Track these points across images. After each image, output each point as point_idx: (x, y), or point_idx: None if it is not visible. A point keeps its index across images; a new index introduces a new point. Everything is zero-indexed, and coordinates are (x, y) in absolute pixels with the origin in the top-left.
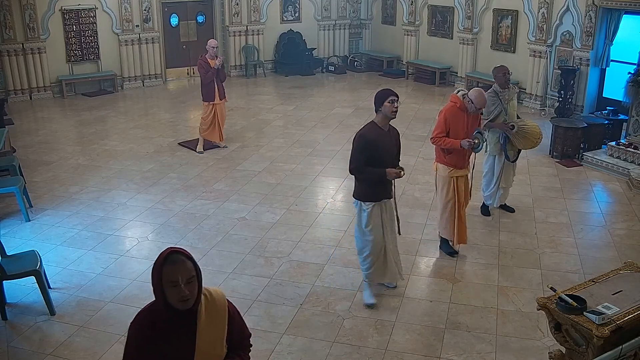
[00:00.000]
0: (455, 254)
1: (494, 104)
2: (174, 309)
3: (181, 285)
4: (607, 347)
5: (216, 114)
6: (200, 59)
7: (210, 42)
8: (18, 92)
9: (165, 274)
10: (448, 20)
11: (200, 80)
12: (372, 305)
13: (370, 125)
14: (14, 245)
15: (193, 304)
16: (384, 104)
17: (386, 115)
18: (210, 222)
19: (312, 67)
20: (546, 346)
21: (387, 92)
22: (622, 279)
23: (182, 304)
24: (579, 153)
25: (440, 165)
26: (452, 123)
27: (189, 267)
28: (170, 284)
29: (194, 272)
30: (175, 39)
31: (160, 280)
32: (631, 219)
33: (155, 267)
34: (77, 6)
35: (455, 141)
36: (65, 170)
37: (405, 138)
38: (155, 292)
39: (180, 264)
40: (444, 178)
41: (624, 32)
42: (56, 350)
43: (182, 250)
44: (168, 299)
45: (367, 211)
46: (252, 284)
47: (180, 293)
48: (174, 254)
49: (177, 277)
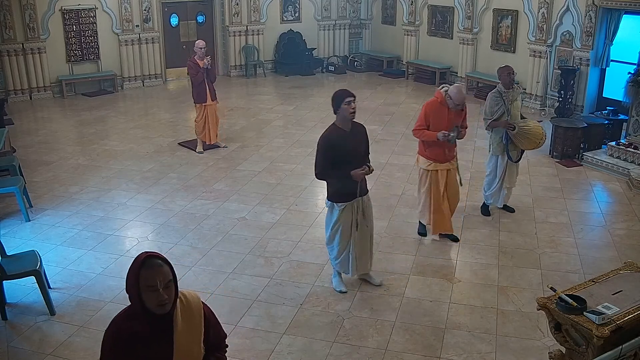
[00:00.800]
0: (424, 236)
1: (497, 104)
2: (151, 313)
3: (160, 290)
4: (607, 347)
5: (207, 116)
6: (189, 61)
7: (198, 43)
8: (18, 92)
9: (143, 279)
10: (448, 20)
11: (191, 81)
12: (343, 292)
13: (331, 128)
14: (14, 245)
15: (170, 308)
16: (341, 106)
17: (344, 116)
18: (210, 222)
19: (312, 67)
20: (546, 346)
21: (344, 93)
22: (622, 279)
23: (160, 308)
24: (579, 153)
25: (421, 158)
26: (433, 117)
27: (166, 271)
28: (148, 288)
29: (171, 275)
30: (175, 39)
31: (137, 285)
32: (631, 219)
33: (131, 271)
34: (77, 6)
35: (432, 133)
36: (65, 170)
37: (405, 138)
38: (132, 297)
39: (157, 268)
40: (422, 170)
41: (624, 32)
42: (56, 350)
43: (158, 255)
44: (146, 303)
45: (338, 211)
46: (252, 284)
47: (158, 297)
48: (151, 258)
49: (156, 281)
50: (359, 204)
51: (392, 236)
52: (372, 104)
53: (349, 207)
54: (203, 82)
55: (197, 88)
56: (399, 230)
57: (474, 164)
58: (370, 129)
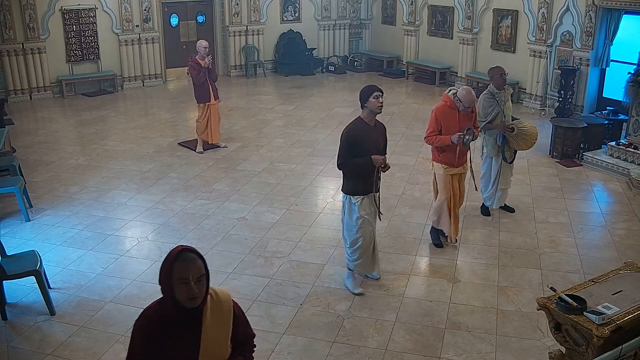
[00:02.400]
0: (440, 247)
1: (491, 106)
2: (181, 306)
3: (191, 283)
4: (607, 347)
5: (210, 115)
6: (190, 60)
7: (201, 43)
8: (18, 92)
9: (176, 271)
10: (448, 20)
11: (193, 81)
12: (361, 294)
13: (357, 121)
14: (14, 245)
15: (200, 303)
16: (369, 99)
17: (372, 110)
18: (210, 222)
19: (312, 67)
20: (546, 346)
21: (372, 87)
22: (622, 279)
23: (190, 302)
24: (579, 153)
25: (435, 164)
26: (444, 121)
27: (200, 265)
28: (180, 281)
29: (204, 270)
30: (175, 39)
31: (170, 278)
32: (631, 219)
33: (165, 264)
34: (77, 6)
35: (446, 137)
36: (65, 170)
37: (405, 138)
38: (164, 289)
39: (191, 262)
40: (439, 176)
41: (624, 32)
42: (56, 350)
43: (193, 249)
44: (176, 296)
45: (356, 205)
46: (252, 284)
47: (189, 291)
48: (186, 251)
49: (188, 274)
50: (375, 199)
51: (392, 236)
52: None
53: (366, 200)
54: (205, 81)
55: (199, 88)
56: (399, 230)
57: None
58: None
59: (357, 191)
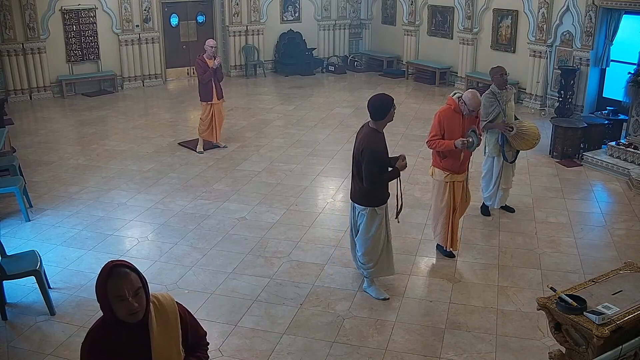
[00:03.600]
0: (453, 256)
1: (492, 105)
2: (125, 322)
3: (129, 299)
4: (607, 347)
5: (214, 115)
6: (198, 59)
7: (209, 42)
8: (18, 92)
9: (111, 289)
10: (448, 20)
11: (198, 80)
12: (387, 298)
13: (375, 135)
14: (14, 245)
15: (143, 315)
16: (390, 111)
17: (389, 120)
18: (210, 222)
19: (312, 67)
20: (546, 346)
21: (389, 99)
22: (622, 279)
23: (132, 317)
24: (579, 153)
25: (436, 170)
26: (447, 125)
27: (134, 278)
28: (117, 298)
29: (140, 282)
30: (175, 39)
31: (106, 296)
32: (631, 219)
33: (98, 283)
34: (77, 6)
35: (450, 142)
36: (65, 170)
37: (405, 138)
38: (103, 308)
39: (124, 277)
40: (439, 183)
41: (624, 32)
42: (56, 350)
43: (125, 263)
44: (117, 313)
45: (380, 215)
46: (252, 284)
47: (128, 307)
48: (117, 267)
49: (124, 291)
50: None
51: (392, 236)
52: None
53: (385, 208)
54: (210, 80)
55: (204, 86)
56: (399, 230)
57: (473, 164)
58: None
59: (382, 201)
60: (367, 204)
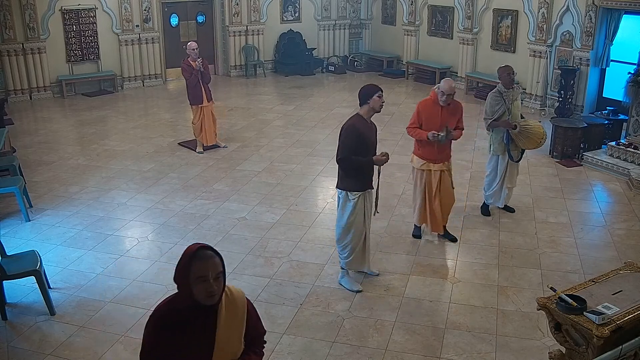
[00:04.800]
0: (419, 238)
1: (498, 104)
2: (198, 304)
3: (210, 281)
4: (607, 347)
5: (204, 117)
6: (183, 62)
7: (190, 45)
8: (18, 92)
9: (195, 269)
10: (448, 20)
11: (186, 83)
12: (360, 290)
13: (358, 117)
14: (14, 245)
15: (217, 300)
16: (372, 97)
17: (373, 108)
18: (210, 222)
19: (312, 67)
20: (546, 346)
21: (375, 87)
22: (622, 279)
23: (209, 299)
24: (579, 153)
25: (415, 157)
26: (425, 116)
27: (218, 262)
28: (199, 279)
29: (221, 267)
30: (175, 39)
31: (188, 276)
32: (631, 219)
33: (182, 262)
34: (77, 6)
35: (424, 133)
36: (65, 170)
37: (405, 138)
38: (182, 287)
39: (209, 259)
40: (415, 170)
41: (624, 32)
42: (56, 350)
43: (210, 247)
44: (195, 294)
45: (352, 201)
46: (252, 284)
47: (208, 288)
48: (203, 249)
49: (207, 272)
50: (370, 195)
51: (392, 236)
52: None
53: (361, 197)
54: (198, 83)
55: (192, 90)
56: (399, 230)
57: (474, 164)
58: None
59: (356, 187)
60: (340, 186)
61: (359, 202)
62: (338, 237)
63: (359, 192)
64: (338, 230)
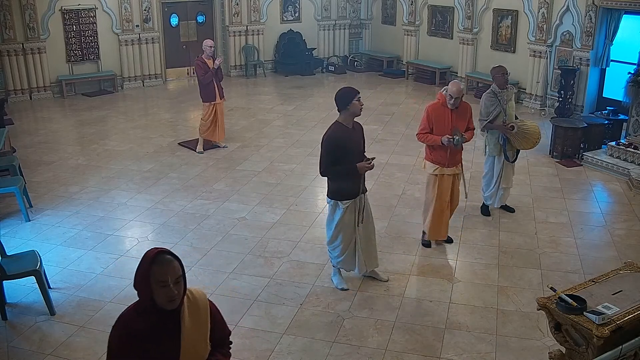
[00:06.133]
0: (429, 247)
1: (493, 105)
2: (159, 309)
3: (170, 285)
4: (607, 347)
5: (217, 114)
6: (197, 60)
7: (207, 42)
8: (18, 92)
9: (154, 274)
10: (448, 20)
11: (198, 81)
12: (345, 289)
13: (336, 126)
14: (14, 245)
15: (178, 304)
16: (352, 102)
17: (354, 112)
18: (210, 222)
19: (312, 67)
20: (546, 346)
21: (353, 90)
22: (622, 279)
23: (170, 304)
24: (579, 153)
25: (427, 163)
26: (435, 119)
27: (177, 266)
28: (159, 284)
29: (181, 271)
30: (175, 39)
31: (148, 281)
32: (631, 219)
33: (141, 267)
34: (77, 6)
35: (437, 137)
36: (65, 170)
37: (405, 138)
38: (142, 292)
39: (168, 264)
40: (429, 175)
41: (624, 32)
42: (56, 350)
43: (168, 251)
44: (156, 299)
45: (341, 210)
46: (252, 284)
47: (169, 293)
48: (162, 254)
49: (167, 277)
50: (361, 201)
51: (392, 236)
52: (372, 104)
53: (352, 205)
54: (212, 81)
55: (205, 87)
56: (399, 230)
57: (474, 164)
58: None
59: (345, 196)
60: (330, 195)
61: (349, 210)
62: (328, 239)
63: (349, 200)
64: (328, 232)
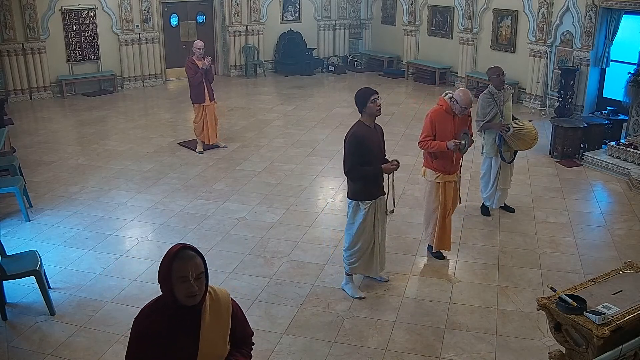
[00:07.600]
0: (442, 258)
1: (490, 106)
2: (181, 305)
3: (191, 281)
4: (607, 347)
5: (206, 116)
6: (187, 61)
7: (197, 44)
8: (18, 92)
9: (176, 270)
10: (448, 20)
11: (189, 82)
12: (362, 297)
13: (359, 125)
14: (14, 245)
15: (199, 301)
16: (367, 104)
17: (372, 113)
18: (210, 222)
19: (312, 67)
20: (546, 346)
21: (368, 91)
22: (622, 279)
23: (190, 300)
24: (579, 153)
25: (428, 170)
26: (439, 126)
27: (199, 263)
28: (180, 279)
29: (203, 268)
30: (175, 39)
31: (170, 276)
32: (631, 219)
33: (164, 262)
34: (77, 6)
35: (442, 143)
36: (65, 170)
37: (405, 138)
38: (163, 287)
39: (190, 260)
40: (431, 183)
41: (624, 32)
42: (56, 350)
43: (192, 247)
44: (176, 294)
45: (364, 210)
46: (252, 284)
47: (189, 288)
48: (185, 249)
49: (188, 272)
50: (381, 202)
51: (392, 236)
52: None
53: (372, 205)
54: (201, 82)
55: (195, 88)
56: (399, 230)
57: (473, 164)
58: None
59: (366, 197)
60: (351, 196)
61: (370, 210)
62: (347, 244)
63: (370, 201)
64: (347, 237)
